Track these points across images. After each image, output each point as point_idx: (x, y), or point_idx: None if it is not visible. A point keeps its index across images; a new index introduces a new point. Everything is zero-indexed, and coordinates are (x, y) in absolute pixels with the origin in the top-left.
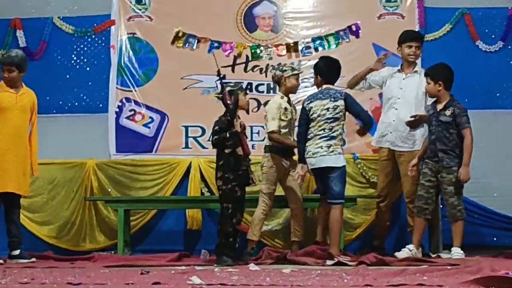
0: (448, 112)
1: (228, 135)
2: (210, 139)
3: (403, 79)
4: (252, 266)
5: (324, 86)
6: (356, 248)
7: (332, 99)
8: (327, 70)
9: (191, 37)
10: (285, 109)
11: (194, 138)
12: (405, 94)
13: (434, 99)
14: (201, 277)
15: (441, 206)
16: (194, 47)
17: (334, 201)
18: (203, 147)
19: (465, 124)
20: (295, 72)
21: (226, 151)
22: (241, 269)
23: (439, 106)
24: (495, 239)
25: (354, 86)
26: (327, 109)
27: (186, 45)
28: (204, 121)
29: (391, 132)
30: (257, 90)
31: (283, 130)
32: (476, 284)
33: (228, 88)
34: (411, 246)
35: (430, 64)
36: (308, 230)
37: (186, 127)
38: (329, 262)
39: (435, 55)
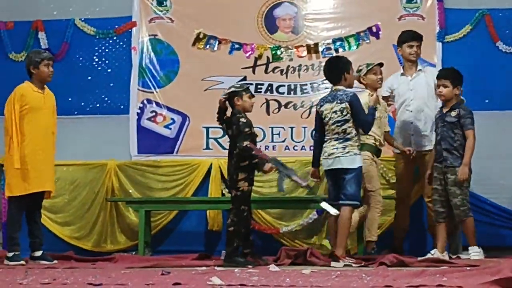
0: (453, 113)
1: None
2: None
3: (410, 80)
4: (272, 267)
5: (333, 88)
6: (376, 249)
7: (339, 101)
8: (328, 71)
9: (212, 39)
10: None
11: (215, 139)
12: (416, 95)
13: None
14: (221, 278)
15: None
16: (215, 48)
17: (346, 202)
18: (224, 148)
19: (469, 125)
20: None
21: (255, 161)
22: (261, 270)
23: (445, 108)
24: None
25: None
26: (335, 111)
27: (207, 47)
28: None
29: (412, 135)
30: (277, 92)
31: None
32: (496, 285)
33: (232, 89)
34: (433, 251)
35: (451, 66)
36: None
37: (207, 128)
38: (334, 264)
39: (456, 56)
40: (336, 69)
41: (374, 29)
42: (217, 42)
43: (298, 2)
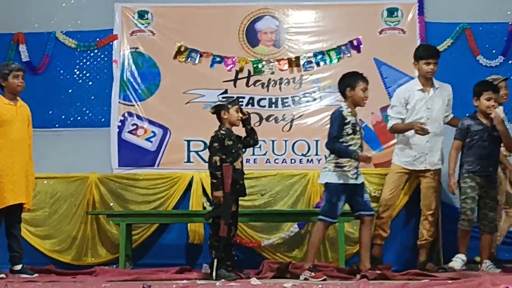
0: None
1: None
2: (211, 155)
3: (428, 99)
4: (254, 280)
5: None
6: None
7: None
8: (338, 87)
9: (193, 52)
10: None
11: (196, 152)
12: (432, 114)
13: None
14: None
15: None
16: (196, 61)
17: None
18: (205, 161)
19: None
20: None
21: (225, 164)
22: (243, 283)
23: (489, 122)
24: (495, 253)
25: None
26: None
27: (188, 60)
28: (206, 136)
29: (427, 154)
30: (259, 105)
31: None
32: None
33: (218, 102)
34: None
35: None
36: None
37: (188, 141)
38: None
39: (437, 70)
40: (340, 87)
41: (355, 43)
42: (199, 55)
43: (279, 15)
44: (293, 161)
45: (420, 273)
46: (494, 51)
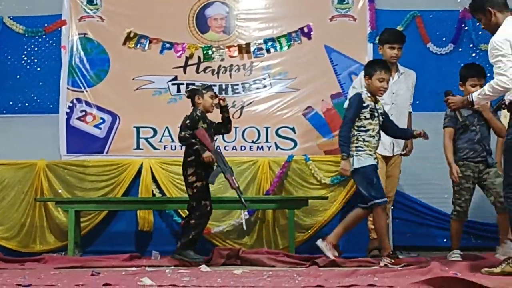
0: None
1: (189, 135)
2: (180, 130)
3: (393, 83)
4: (204, 267)
5: None
6: (308, 249)
7: None
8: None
9: (143, 38)
10: None
11: (146, 139)
12: (397, 99)
13: None
14: (152, 278)
15: (392, 207)
16: (146, 48)
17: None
18: (155, 148)
19: None
20: None
21: (196, 147)
22: (192, 270)
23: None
24: (445, 240)
25: None
26: None
27: (138, 46)
28: (155, 122)
29: (395, 140)
30: None
31: None
32: (426, 285)
33: (193, 87)
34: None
35: None
36: (260, 234)
37: (138, 128)
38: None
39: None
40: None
41: (305, 30)
42: (148, 42)
43: (229, 1)
44: (243, 148)
45: (369, 260)
46: (444, 39)
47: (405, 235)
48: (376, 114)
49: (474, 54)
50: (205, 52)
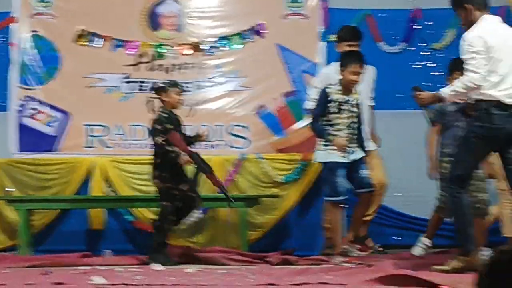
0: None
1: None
2: (153, 136)
3: None
4: (157, 266)
5: None
6: (261, 247)
7: None
8: None
9: (95, 36)
10: None
11: (97, 137)
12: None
13: None
14: (103, 277)
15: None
16: (98, 45)
17: None
18: (107, 146)
19: None
20: None
21: (161, 149)
22: (144, 269)
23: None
24: (399, 238)
25: None
26: None
27: (90, 44)
28: (107, 120)
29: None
30: None
31: None
32: (378, 283)
33: (159, 84)
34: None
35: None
36: (213, 232)
37: (89, 126)
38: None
39: (338, 56)
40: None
41: (258, 28)
42: (100, 39)
43: None
44: (196, 146)
45: (322, 258)
46: (395, 38)
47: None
48: (344, 107)
49: (425, 53)
50: (157, 50)
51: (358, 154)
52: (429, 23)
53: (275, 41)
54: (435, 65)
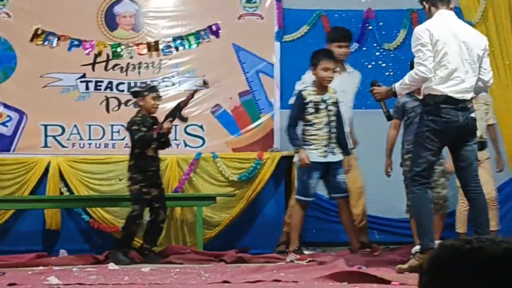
0: None
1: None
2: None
3: (341, 82)
4: (111, 265)
5: None
6: (216, 246)
7: None
8: None
9: (51, 35)
10: None
11: (54, 137)
12: (345, 97)
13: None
14: (58, 277)
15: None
16: (54, 45)
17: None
18: (63, 146)
19: None
20: None
21: (136, 151)
22: (100, 269)
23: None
24: None
25: None
26: None
27: (46, 43)
28: (63, 120)
29: None
30: (117, 89)
31: None
32: (330, 279)
33: (135, 89)
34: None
35: (290, 65)
36: (169, 231)
37: (45, 126)
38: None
39: (294, 56)
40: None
41: (214, 28)
42: (56, 39)
43: None
44: None
45: (276, 256)
46: None
47: (310, 231)
48: (321, 107)
49: (378, 53)
50: (113, 49)
51: (337, 156)
52: (382, 23)
53: (231, 41)
54: (387, 65)
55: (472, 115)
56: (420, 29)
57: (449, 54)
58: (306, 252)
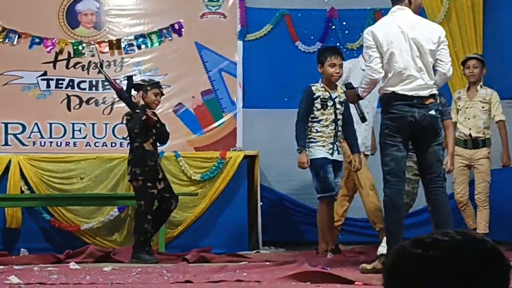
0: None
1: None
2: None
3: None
4: (72, 265)
5: None
6: (179, 246)
7: None
8: None
9: (12, 32)
10: None
11: (14, 135)
12: (371, 95)
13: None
14: (19, 277)
15: (261, 203)
16: (15, 42)
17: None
18: (23, 144)
19: (449, 115)
20: None
21: (135, 145)
22: (61, 268)
23: None
24: (312, 235)
25: None
26: None
27: (6, 41)
28: (24, 118)
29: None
30: (79, 87)
31: None
32: (293, 279)
33: (138, 81)
34: None
35: (252, 64)
36: (130, 231)
37: (6, 124)
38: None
39: (257, 54)
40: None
41: (176, 26)
42: (17, 36)
43: None
44: (113, 144)
45: (238, 255)
46: (312, 37)
47: (273, 231)
48: (329, 104)
49: None
50: (75, 47)
51: (340, 156)
52: (345, 23)
53: (194, 39)
54: None
55: (432, 112)
56: (366, 31)
57: (396, 54)
58: (266, 251)
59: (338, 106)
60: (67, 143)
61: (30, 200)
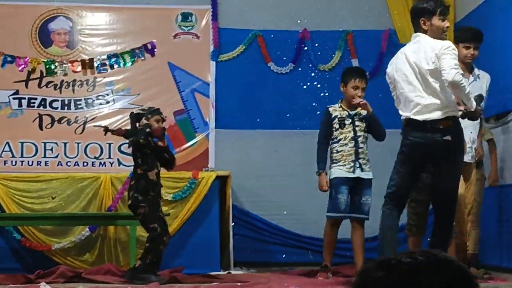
0: None
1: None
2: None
3: (468, 85)
4: (43, 285)
5: None
6: None
7: None
8: None
9: None
10: None
11: None
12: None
13: None
14: None
15: (233, 224)
16: None
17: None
18: None
19: None
20: None
21: (139, 172)
22: None
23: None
24: (284, 256)
25: None
26: None
27: None
28: None
29: None
30: (51, 106)
31: None
32: None
33: (138, 111)
34: None
35: (225, 84)
36: (102, 251)
37: None
38: None
39: (229, 75)
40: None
41: (149, 46)
42: None
43: (73, 16)
44: (85, 164)
45: (210, 275)
46: (284, 58)
47: (245, 251)
48: (347, 122)
49: (313, 74)
50: (47, 66)
51: (366, 174)
52: (317, 44)
53: (166, 60)
54: (322, 86)
55: (447, 137)
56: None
57: (400, 81)
58: (239, 272)
59: (357, 123)
60: (39, 163)
61: (1, 219)
